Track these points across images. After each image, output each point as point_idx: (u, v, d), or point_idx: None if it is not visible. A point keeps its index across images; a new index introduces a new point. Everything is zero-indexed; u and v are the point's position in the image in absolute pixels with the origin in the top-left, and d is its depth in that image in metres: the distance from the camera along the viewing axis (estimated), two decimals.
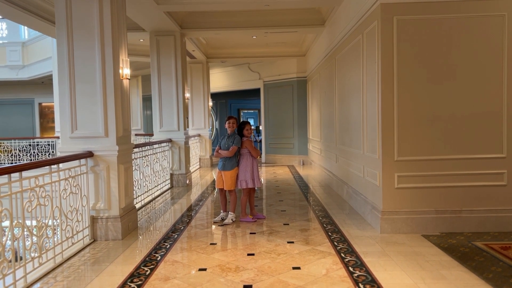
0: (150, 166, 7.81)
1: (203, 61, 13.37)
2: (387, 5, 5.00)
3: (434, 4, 4.96)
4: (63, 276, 3.91)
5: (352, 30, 6.51)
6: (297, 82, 13.76)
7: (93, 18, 4.97)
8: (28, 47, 16.70)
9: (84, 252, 4.62)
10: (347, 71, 7.03)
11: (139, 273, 3.90)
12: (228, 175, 5.86)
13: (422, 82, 5.01)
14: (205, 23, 9.43)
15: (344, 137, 7.47)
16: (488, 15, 4.94)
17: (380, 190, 5.15)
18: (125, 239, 5.08)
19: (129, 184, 5.48)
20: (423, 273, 3.74)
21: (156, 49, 9.22)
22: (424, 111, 5.03)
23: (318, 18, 9.20)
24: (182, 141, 9.34)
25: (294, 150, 14.06)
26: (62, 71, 5.02)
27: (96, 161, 5.03)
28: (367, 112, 5.72)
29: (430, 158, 5.03)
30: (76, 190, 4.70)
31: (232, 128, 5.93)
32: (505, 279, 3.54)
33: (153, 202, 7.52)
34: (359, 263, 4.05)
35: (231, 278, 3.73)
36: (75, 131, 5.04)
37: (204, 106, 13.55)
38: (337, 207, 6.68)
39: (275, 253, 4.41)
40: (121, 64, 5.26)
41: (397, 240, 4.76)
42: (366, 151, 5.84)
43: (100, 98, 5.00)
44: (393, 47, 5.01)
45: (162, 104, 9.26)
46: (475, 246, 4.43)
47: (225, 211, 6.02)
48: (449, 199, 5.04)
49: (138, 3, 7.21)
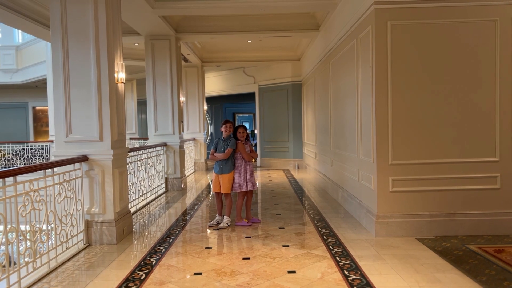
0: (145, 170, 7.80)
1: (198, 65, 13.38)
2: (381, 10, 5.05)
3: (428, 9, 5.01)
4: (57, 281, 3.88)
5: (347, 34, 6.55)
6: (292, 86, 13.80)
7: (88, 22, 4.96)
8: (22, 50, 16.64)
9: (78, 256, 4.59)
10: (342, 75, 7.06)
11: (134, 278, 3.89)
12: (226, 178, 5.86)
13: (416, 86, 5.05)
14: (200, 27, 9.45)
15: (339, 141, 7.50)
16: (481, 20, 4.99)
17: (374, 193, 5.18)
18: (120, 244, 5.06)
19: (124, 188, 5.47)
20: (417, 277, 3.75)
21: (151, 53, 9.22)
22: (418, 115, 5.06)
23: (312, 22, 9.25)
24: (177, 145, 9.33)
25: (289, 154, 14.08)
26: (57, 75, 5.01)
27: (91, 165, 5.02)
28: (362, 116, 5.76)
29: (424, 162, 5.07)
30: (70, 195, 4.68)
31: (229, 132, 5.95)
32: (499, 282, 3.56)
33: (148, 206, 7.49)
34: (354, 266, 4.06)
35: (227, 282, 3.73)
36: (69, 135, 5.02)
37: (199, 110, 13.55)
38: (332, 211, 6.69)
39: (271, 257, 4.41)
40: (116, 68, 5.25)
41: (392, 244, 4.78)
42: (360, 155, 5.86)
43: (95, 102, 4.99)
44: (387, 52, 5.05)
45: (157, 108, 9.25)
46: (469, 249, 4.46)
47: (221, 215, 6.02)
48: (443, 203, 5.07)
49: (133, 7, 7.22)
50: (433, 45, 5.03)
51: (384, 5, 5.03)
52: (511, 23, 4.97)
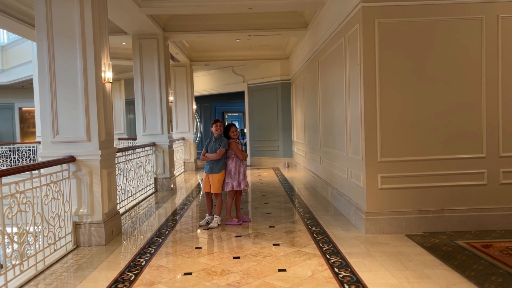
0: (134, 170, 7.74)
1: (186, 64, 13.32)
2: (369, 8, 5.07)
3: (415, 7, 5.05)
4: (45, 284, 3.83)
5: (335, 33, 6.57)
6: (281, 85, 13.82)
7: (74, 21, 4.90)
8: (7, 51, 16.39)
9: (67, 258, 4.54)
10: (330, 73, 7.08)
11: (124, 279, 3.85)
12: (216, 178, 5.84)
13: (404, 84, 5.09)
14: (188, 26, 9.41)
15: (328, 139, 7.52)
16: (467, 18, 5.04)
17: (364, 191, 5.20)
18: (109, 245, 5.01)
19: (112, 189, 5.41)
20: (407, 273, 3.78)
21: (139, 52, 9.15)
22: (406, 113, 5.10)
23: (301, 21, 9.27)
24: (166, 144, 9.28)
25: (279, 153, 14.10)
26: (42, 75, 4.94)
27: (78, 166, 4.96)
28: (350, 114, 5.78)
29: (412, 159, 5.10)
30: (58, 196, 4.62)
31: (219, 131, 5.91)
32: (486, 277, 3.60)
33: (137, 206, 7.44)
34: (344, 264, 4.07)
35: (217, 282, 3.71)
36: (56, 136, 4.96)
37: (188, 110, 13.48)
38: (322, 209, 6.71)
39: (261, 256, 4.40)
40: (103, 67, 5.20)
41: (381, 241, 4.81)
42: (349, 152, 5.89)
43: (82, 102, 4.94)
44: (374, 50, 5.08)
45: (146, 108, 9.19)
46: (457, 245, 4.50)
47: (211, 214, 5.99)
48: (431, 199, 5.12)
49: (120, 6, 7.15)
50: (421, 43, 5.07)
51: (372, 3, 5.05)
52: (496, 21, 5.03)
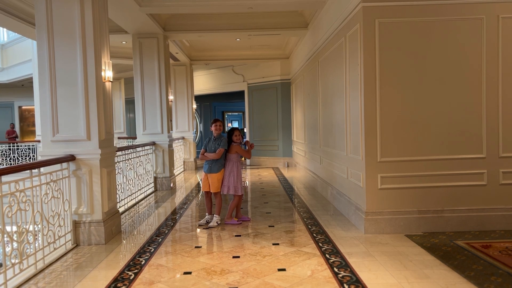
0: (134, 169, 7.73)
1: (186, 64, 13.31)
2: (369, 8, 5.07)
3: (415, 7, 5.04)
4: (44, 282, 3.83)
5: (335, 33, 6.57)
6: (281, 85, 13.82)
7: (74, 20, 4.89)
8: (7, 49, 16.39)
9: (66, 257, 4.54)
10: (330, 73, 7.08)
11: (123, 278, 3.85)
12: (215, 178, 5.83)
13: (404, 84, 5.09)
14: (188, 26, 9.40)
15: (328, 139, 7.52)
16: (467, 18, 5.04)
17: (363, 191, 5.20)
18: (109, 244, 5.01)
19: (112, 188, 5.41)
20: (406, 273, 3.78)
21: (139, 51, 9.15)
22: (406, 113, 5.10)
23: (301, 21, 9.27)
24: (166, 144, 9.28)
25: (278, 152, 14.10)
26: (42, 74, 4.94)
27: (78, 165, 4.96)
28: (350, 114, 5.78)
29: (412, 159, 5.10)
30: (58, 195, 4.62)
31: (219, 130, 5.90)
32: (486, 277, 3.60)
33: (136, 205, 7.44)
34: (343, 263, 4.07)
35: (217, 281, 3.71)
36: (56, 135, 4.96)
37: (188, 109, 13.48)
38: (322, 209, 6.71)
39: (261, 255, 4.40)
40: (103, 66, 5.19)
41: (381, 241, 4.81)
42: (349, 152, 5.89)
43: (82, 101, 4.93)
44: (375, 50, 5.08)
45: (145, 107, 9.19)
46: (457, 245, 4.51)
47: (210, 214, 5.99)
48: (431, 199, 5.12)
49: (121, 5, 7.15)
50: (421, 43, 5.07)
51: (372, 3, 5.05)
52: (497, 21, 5.03)
